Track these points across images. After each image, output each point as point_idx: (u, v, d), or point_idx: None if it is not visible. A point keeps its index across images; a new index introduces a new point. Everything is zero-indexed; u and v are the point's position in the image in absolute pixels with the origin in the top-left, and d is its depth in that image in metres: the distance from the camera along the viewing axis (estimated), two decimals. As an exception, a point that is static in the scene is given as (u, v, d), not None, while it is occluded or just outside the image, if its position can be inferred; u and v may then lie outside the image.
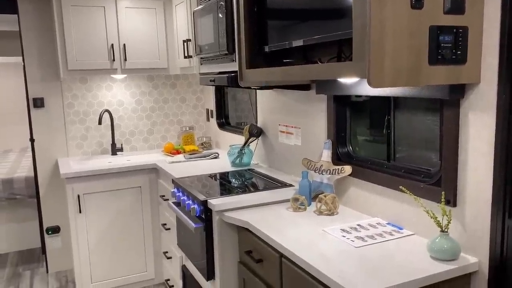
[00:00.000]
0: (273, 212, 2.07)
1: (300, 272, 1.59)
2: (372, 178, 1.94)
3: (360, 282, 1.35)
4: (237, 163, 2.94)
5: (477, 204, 1.47)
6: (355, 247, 1.63)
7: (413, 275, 1.39)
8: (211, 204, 2.14)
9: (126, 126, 3.70)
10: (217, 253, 2.16)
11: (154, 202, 3.25)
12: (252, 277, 2.00)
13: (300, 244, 1.67)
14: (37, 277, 3.52)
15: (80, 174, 3.00)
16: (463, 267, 1.45)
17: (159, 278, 3.35)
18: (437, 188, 1.61)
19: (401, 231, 1.76)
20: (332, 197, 2.05)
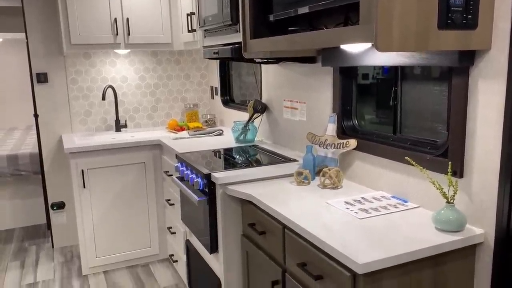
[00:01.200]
0: (276, 186, 2.05)
1: (303, 243, 1.58)
2: (377, 151, 1.91)
3: (363, 251, 1.34)
4: (241, 139, 2.92)
5: (484, 174, 1.45)
6: (358, 219, 1.61)
7: (417, 246, 1.37)
8: (214, 177, 2.13)
9: (130, 103, 3.68)
10: (220, 226, 2.16)
11: (158, 178, 3.25)
12: (255, 249, 2.00)
13: (303, 215, 1.66)
14: (43, 252, 3.55)
15: (84, 149, 2.99)
16: (469, 238, 1.43)
17: (163, 253, 3.37)
18: (443, 160, 1.58)
19: (406, 204, 1.74)
20: (336, 170, 2.03)
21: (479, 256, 1.48)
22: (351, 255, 1.32)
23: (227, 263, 2.18)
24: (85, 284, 3.02)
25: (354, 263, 1.29)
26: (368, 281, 1.31)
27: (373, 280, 1.32)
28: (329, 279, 1.43)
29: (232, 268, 2.19)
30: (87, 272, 3.16)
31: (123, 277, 3.12)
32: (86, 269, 3.16)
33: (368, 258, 1.29)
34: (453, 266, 1.45)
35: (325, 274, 1.46)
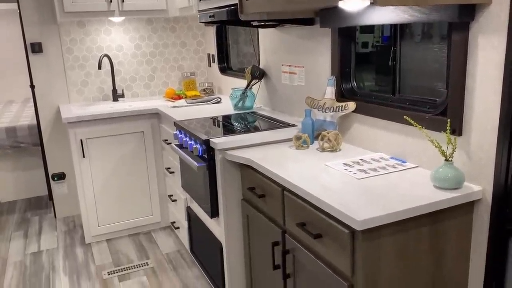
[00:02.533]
0: (275, 151, 2.05)
1: (302, 203, 1.60)
2: (376, 113, 1.90)
3: (361, 209, 1.35)
4: (240, 106, 2.90)
5: (483, 131, 1.44)
6: (357, 179, 1.62)
7: (415, 203, 1.38)
8: (213, 143, 2.13)
9: (126, 72, 3.64)
10: (221, 191, 2.17)
11: (157, 147, 3.25)
12: (255, 213, 2.02)
13: (302, 177, 1.66)
14: (46, 222, 3.59)
15: (82, 118, 2.98)
16: (467, 195, 1.45)
17: (165, 221, 3.41)
18: (442, 118, 1.57)
19: (404, 164, 1.75)
20: (335, 133, 2.02)
21: (476, 213, 1.49)
22: (349, 212, 1.33)
23: (228, 227, 2.21)
24: (88, 252, 3.07)
25: (353, 220, 1.30)
26: (367, 238, 1.33)
27: (371, 237, 1.33)
28: (328, 237, 1.45)
29: (233, 231, 2.22)
30: (90, 240, 3.21)
31: (126, 244, 3.16)
32: (89, 238, 3.20)
33: (366, 215, 1.30)
34: (450, 223, 1.47)
35: (324, 233, 1.48)
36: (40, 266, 2.90)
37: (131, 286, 2.63)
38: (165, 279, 2.69)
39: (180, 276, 2.71)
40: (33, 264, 2.94)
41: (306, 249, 1.61)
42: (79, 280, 2.72)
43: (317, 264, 1.54)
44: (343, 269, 1.41)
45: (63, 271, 2.83)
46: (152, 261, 2.91)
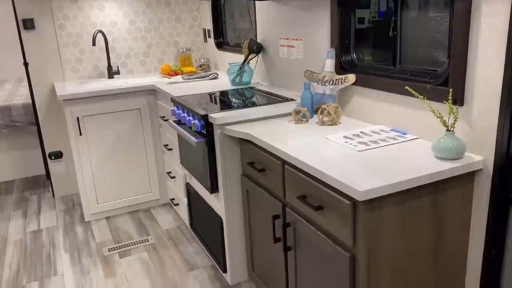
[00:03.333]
0: (274, 125, 2.04)
1: (303, 176, 1.59)
2: (376, 85, 1.88)
3: (362, 180, 1.35)
4: (237, 82, 2.87)
5: (485, 101, 1.43)
6: (358, 151, 1.61)
7: (416, 173, 1.38)
8: (212, 118, 2.11)
9: (121, 48, 3.59)
10: (220, 166, 2.16)
11: (154, 124, 3.23)
12: (255, 187, 2.02)
13: (303, 150, 1.65)
14: (44, 201, 3.59)
15: (77, 96, 2.94)
16: (468, 165, 1.44)
17: (164, 198, 3.41)
18: (444, 88, 1.55)
19: (405, 136, 1.74)
20: (335, 107, 2.01)
21: (477, 182, 1.49)
22: (351, 183, 1.32)
23: (228, 202, 2.21)
24: (88, 230, 3.08)
25: (354, 191, 1.30)
26: (368, 209, 1.33)
27: (373, 208, 1.33)
28: (329, 209, 1.45)
29: (233, 206, 2.22)
30: (89, 218, 3.21)
31: (126, 222, 3.17)
32: (88, 216, 3.20)
33: (368, 186, 1.30)
34: (451, 193, 1.47)
35: (325, 205, 1.47)
36: (40, 244, 2.91)
37: (132, 262, 2.65)
38: (166, 254, 2.71)
39: (180, 252, 2.73)
40: (34, 242, 2.95)
41: (307, 222, 1.62)
42: (80, 257, 2.73)
43: (318, 236, 1.54)
44: (344, 240, 1.41)
45: (64, 249, 2.84)
46: (152, 238, 2.92)
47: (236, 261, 2.32)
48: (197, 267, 2.56)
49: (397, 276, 1.45)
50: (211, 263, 2.59)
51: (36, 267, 2.64)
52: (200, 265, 2.57)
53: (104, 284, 2.44)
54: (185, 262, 2.61)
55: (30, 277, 2.55)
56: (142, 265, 2.61)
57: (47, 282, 2.49)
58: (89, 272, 2.56)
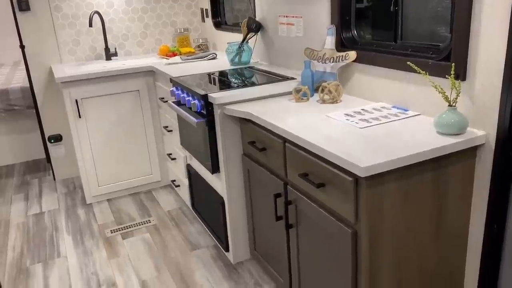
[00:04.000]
0: (275, 104, 2.02)
1: (304, 154, 1.59)
2: (377, 61, 1.86)
3: (364, 156, 1.34)
4: (236, 61, 2.84)
5: (487, 75, 1.42)
6: (359, 128, 1.60)
7: (418, 149, 1.37)
8: (212, 98, 2.09)
9: (118, 30, 3.54)
10: (221, 146, 2.16)
11: (153, 105, 3.21)
12: (256, 167, 2.02)
13: (304, 128, 1.65)
14: (45, 185, 3.60)
15: (75, 78, 2.91)
16: (470, 140, 1.44)
17: (165, 180, 3.42)
18: (446, 63, 1.54)
19: (406, 113, 1.73)
20: (336, 84, 1.99)
21: (479, 157, 1.49)
22: (353, 159, 1.32)
23: (229, 182, 2.21)
24: (90, 212, 3.09)
25: (356, 167, 1.29)
26: (370, 185, 1.33)
27: (375, 184, 1.34)
28: (331, 186, 1.45)
29: (234, 186, 2.23)
30: (90, 201, 3.22)
31: (127, 203, 3.18)
32: (90, 198, 3.21)
33: (370, 162, 1.30)
34: (453, 169, 1.47)
35: (327, 182, 1.47)
36: (43, 227, 2.93)
37: (135, 243, 2.66)
38: (168, 235, 2.73)
39: (182, 232, 2.75)
40: (36, 225, 2.96)
41: (308, 199, 1.62)
42: (83, 239, 2.75)
43: (320, 213, 1.55)
44: (346, 217, 1.42)
45: (66, 231, 2.86)
46: (154, 219, 2.94)
47: (238, 240, 2.33)
48: (199, 246, 2.58)
49: (399, 252, 1.46)
50: (213, 243, 2.61)
51: (40, 249, 2.66)
52: (202, 245, 2.59)
53: (107, 264, 2.46)
54: (188, 242, 2.63)
55: (34, 259, 2.57)
56: (145, 246, 2.63)
57: (51, 264, 2.51)
58: (92, 253, 2.58)
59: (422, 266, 1.53)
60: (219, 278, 2.28)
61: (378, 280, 1.45)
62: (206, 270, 2.35)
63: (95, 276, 2.37)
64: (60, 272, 2.42)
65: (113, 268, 2.43)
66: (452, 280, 1.63)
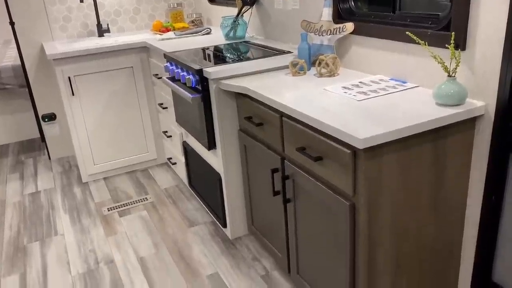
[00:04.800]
0: (271, 78, 1.99)
1: (301, 128, 1.57)
2: (375, 33, 1.82)
3: (363, 128, 1.32)
4: (231, 36, 2.79)
5: (488, 44, 1.39)
6: (357, 101, 1.58)
7: (417, 120, 1.35)
8: (207, 72, 2.06)
9: (110, 5, 3.46)
10: (217, 122, 2.13)
11: (148, 82, 3.16)
12: (253, 142, 2.00)
13: (301, 102, 1.62)
14: (40, 164, 3.57)
15: (68, 55, 2.86)
16: (469, 111, 1.42)
17: (161, 158, 3.40)
18: (445, 33, 1.51)
19: (404, 85, 1.71)
20: (333, 57, 1.96)
21: (478, 128, 1.48)
22: (351, 131, 1.30)
23: (226, 158, 2.20)
24: (86, 190, 3.08)
25: (355, 139, 1.28)
26: (369, 157, 1.31)
27: (373, 155, 1.32)
28: (329, 159, 1.44)
29: (231, 162, 2.21)
30: (86, 179, 3.20)
31: (124, 181, 3.17)
32: (86, 177, 3.20)
33: (368, 133, 1.28)
34: (452, 140, 1.46)
35: (324, 155, 1.46)
36: (39, 206, 2.92)
37: (132, 220, 2.66)
38: (166, 212, 2.72)
39: (180, 209, 2.75)
40: (32, 204, 2.95)
41: (306, 173, 1.61)
42: (80, 217, 2.74)
43: (317, 186, 1.54)
44: (344, 190, 1.41)
45: (63, 209, 2.85)
46: (151, 196, 2.93)
47: (235, 216, 2.33)
48: (197, 223, 2.58)
49: (397, 224, 1.45)
50: (211, 219, 2.61)
51: (37, 228, 2.66)
52: (200, 221, 2.60)
53: (105, 242, 2.46)
54: (185, 219, 2.63)
55: (31, 237, 2.57)
56: (142, 223, 2.62)
57: (48, 242, 2.51)
58: (89, 231, 2.58)
59: (420, 238, 1.53)
60: (217, 254, 2.29)
61: (376, 252, 1.45)
62: (204, 246, 2.36)
63: (93, 254, 2.37)
64: (58, 250, 2.42)
65: (111, 245, 2.43)
66: (449, 251, 1.64)
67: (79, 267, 2.27)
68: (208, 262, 2.23)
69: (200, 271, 2.17)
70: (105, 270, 2.23)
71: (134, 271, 2.21)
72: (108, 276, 2.19)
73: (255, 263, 2.20)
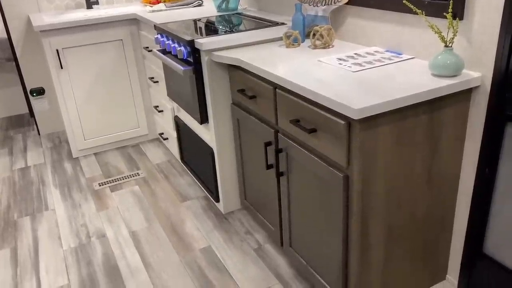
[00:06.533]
0: (265, 50, 1.95)
1: (295, 99, 1.54)
2: (371, 3, 1.78)
3: (357, 98, 1.30)
4: (223, 8, 2.73)
5: (486, 13, 1.36)
6: (352, 72, 1.55)
7: (413, 90, 1.33)
8: (198, 43, 2.01)
9: (98, -24, 3.36)
10: (209, 95, 2.10)
11: (138, 56, 3.10)
12: (246, 115, 1.97)
13: (295, 73, 1.59)
14: (30, 139, 3.52)
15: (55, 26, 2.78)
16: (466, 82, 1.40)
17: (152, 133, 3.36)
18: (443, 2, 1.47)
19: (400, 56, 1.68)
20: (328, 28, 1.92)
21: (474, 100, 1.46)
22: (346, 102, 1.28)
23: (219, 132, 2.17)
24: (77, 166, 3.04)
25: (349, 109, 1.25)
26: (364, 128, 1.29)
27: (368, 126, 1.30)
28: (323, 131, 1.42)
29: (223, 136, 2.19)
30: (77, 154, 3.16)
31: (115, 157, 3.14)
32: (76, 152, 3.16)
33: (363, 104, 1.26)
34: (447, 111, 1.44)
35: (318, 127, 1.44)
36: (29, 181, 2.88)
37: (124, 195, 2.64)
38: (158, 187, 2.71)
39: (172, 184, 2.73)
40: (22, 179, 2.91)
41: (299, 146, 1.59)
42: (71, 192, 2.72)
43: (311, 159, 1.52)
44: (338, 161, 1.39)
45: (53, 185, 2.82)
46: (143, 172, 2.90)
47: (228, 190, 2.32)
48: (189, 198, 2.57)
49: (391, 195, 1.45)
50: (203, 194, 2.60)
51: (27, 203, 2.63)
52: (192, 196, 2.58)
53: (97, 216, 2.45)
54: (178, 194, 2.62)
55: (22, 212, 2.54)
56: (134, 198, 2.61)
57: (39, 217, 2.48)
58: (80, 206, 2.56)
59: (413, 210, 1.53)
60: (210, 228, 2.28)
61: (369, 224, 1.45)
62: (197, 220, 2.35)
63: (85, 228, 2.36)
64: (49, 225, 2.40)
65: (103, 220, 2.42)
66: (442, 223, 1.64)
67: (70, 242, 2.25)
68: (201, 236, 2.23)
69: (193, 245, 2.17)
70: (97, 244, 2.22)
71: (126, 244, 2.20)
72: (100, 250, 2.18)
73: (248, 237, 2.20)
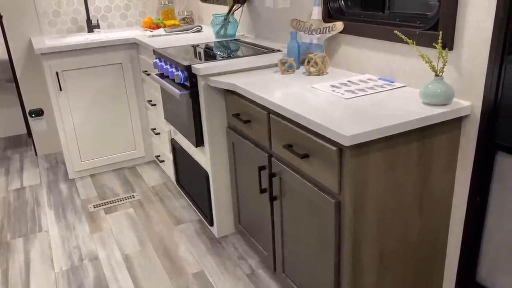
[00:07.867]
0: (260, 76, 1.98)
1: (289, 125, 1.56)
2: (364, 32, 1.83)
3: (349, 125, 1.32)
4: (222, 34, 2.78)
5: (475, 45, 1.40)
6: (345, 99, 1.58)
7: (404, 118, 1.36)
8: (195, 69, 2.04)
9: (100, 1, 3.43)
10: (205, 119, 2.12)
11: (137, 79, 3.14)
12: (241, 139, 1.99)
13: (288, 99, 1.62)
14: (27, 160, 3.53)
15: (56, 49, 2.82)
16: (456, 110, 1.42)
17: (149, 155, 3.37)
18: (433, 33, 1.51)
19: (392, 84, 1.71)
20: (322, 56, 1.96)
21: (464, 128, 1.48)
22: (337, 129, 1.30)
23: (214, 156, 2.18)
24: (72, 187, 3.04)
25: (341, 136, 1.27)
26: (355, 154, 1.31)
27: (360, 153, 1.32)
28: (315, 157, 1.43)
29: (218, 160, 2.20)
30: (73, 176, 3.17)
31: (111, 179, 3.14)
32: (72, 173, 3.16)
33: (355, 131, 1.28)
34: (438, 139, 1.46)
35: (311, 152, 1.45)
36: (24, 202, 2.88)
37: (118, 217, 2.63)
38: (152, 210, 2.70)
39: (167, 207, 2.72)
40: (17, 200, 2.91)
41: (292, 171, 1.60)
42: (65, 213, 2.71)
43: (304, 184, 1.53)
44: (330, 187, 1.40)
45: (48, 206, 2.81)
46: (138, 194, 2.90)
47: (222, 214, 2.32)
48: (183, 221, 2.56)
49: (383, 222, 1.45)
50: (197, 217, 2.59)
51: (21, 224, 2.62)
52: (186, 219, 2.58)
53: (90, 239, 2.43)
54: (172, 217, 2.61)
55: (15, 233, 2.53)
56: (129, 220, 2.60)
57: (32, 238, 2.47)
58: (74, 228, 2.55)
59: (405, 236, 1.54)
60: (203, 252, 2.27)
61: (362, 250, 1.44)
62: (190, 244, 2.34)
63: (77, 250, 2.34)
64: (42, 246, 2.39)
65: (96, 242, 2.40)
66: (435, 250, 1.64)
67: (62, 264, 2.24)
68: (194, 261, 2.21)
69: (185, 269, 2.15)
70: (89, 267, 2.20)
71: (119, 268, 2.18)
72: (92, 273, 2.16)
73: (241, 262, 2.18)
